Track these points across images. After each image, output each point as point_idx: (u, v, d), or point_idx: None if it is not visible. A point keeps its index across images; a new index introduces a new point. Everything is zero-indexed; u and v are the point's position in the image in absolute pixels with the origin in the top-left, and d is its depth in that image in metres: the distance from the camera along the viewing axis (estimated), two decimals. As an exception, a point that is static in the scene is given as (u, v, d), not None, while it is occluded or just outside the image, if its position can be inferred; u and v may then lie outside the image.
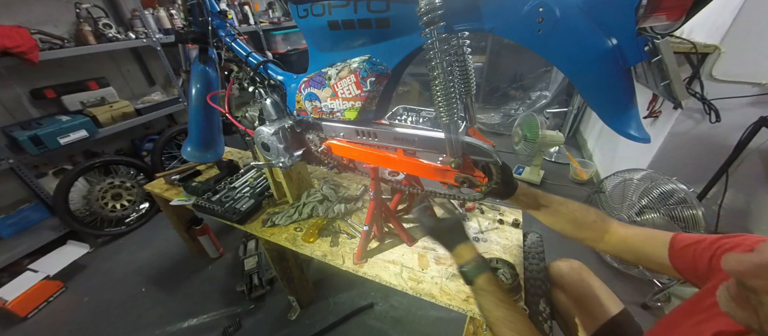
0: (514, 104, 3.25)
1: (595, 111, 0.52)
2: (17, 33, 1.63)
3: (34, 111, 2.00)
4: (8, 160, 1.70)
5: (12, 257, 1.77)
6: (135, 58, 2.49)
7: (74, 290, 1.78)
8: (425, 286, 0.88)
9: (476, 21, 0.53)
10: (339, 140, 0.84)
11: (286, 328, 1.48)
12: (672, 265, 0.60)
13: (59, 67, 2.05)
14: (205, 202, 1.26)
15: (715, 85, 1.43)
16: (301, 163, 1.22)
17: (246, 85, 1.02)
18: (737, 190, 1.58)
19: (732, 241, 0.53)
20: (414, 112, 1.05)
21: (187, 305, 1.63)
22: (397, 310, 1.52)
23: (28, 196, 1.99)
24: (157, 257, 1.96)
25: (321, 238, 1.09)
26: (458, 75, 0.77)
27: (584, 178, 2.40)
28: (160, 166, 2.33)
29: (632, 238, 0.67)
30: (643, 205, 1.46)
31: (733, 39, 1.35)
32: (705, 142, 1.58)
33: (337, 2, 0.62)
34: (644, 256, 0.65)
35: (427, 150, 0.71)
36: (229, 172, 1.49)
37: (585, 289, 0.84)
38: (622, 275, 1.62)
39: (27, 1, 1.89)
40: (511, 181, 0.72)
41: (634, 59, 0.46)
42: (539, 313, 0.80)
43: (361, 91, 0.68)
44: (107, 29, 2.05)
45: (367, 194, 1.25)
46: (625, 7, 0.43)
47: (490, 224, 1.11)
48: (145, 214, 2.25)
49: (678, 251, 0.59)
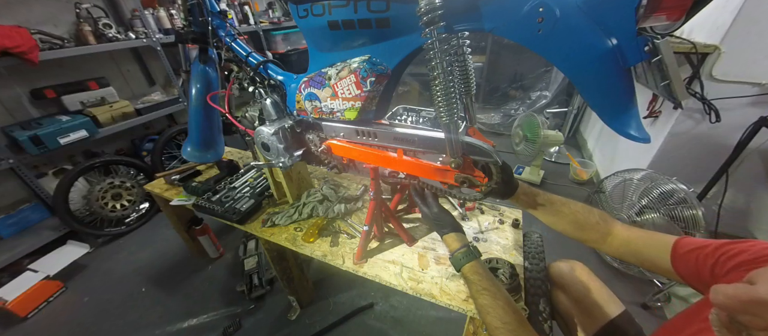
0: (514, 104, 3.25)
1: (595, 111, 0.52)
2: (17, 33, 1.63)
3: (34, 111, 2.00)
4: (8, 160, 1.70)
5: (12, 257, 1.77)
6: (135, 58, 2.49)
7: (74, 290, 1.78)
8: (425, 286, 0.88)
9: (476, 21, 0.53)
10: (339, 140, 0.84)
11: (286, 328, 1.48)
12: (674, 270, 0.59)
13: (59, 67, 2.05)
14: (205, 202, 1.26)
15: (715, 85, 1.43)
16: (301, 163, 1.22)
17: (246, 85, 1.02)
18: (737, 190, 1.58)
19: (736, 247, 0.51)
20: (414, 112, 1.05)
21: (187, 305, 1.63)
22: (397, 310, 1.52)
23: (28, 196, 1.99)
24: (157, 257, 1.96)
25: (321, 238, 1.09)
26: (458, 75, 0.77)
27: (584, 178, 2.40)
28: (160, 166, 2.33)
29: (635, 241, 0.66)
30: (643, 205, 1.46)
31: (733, 39, 1.35)
32: (705, 142, 1.58)
33: (337, 2, 0.62)
34: (647, 259, 0.64)
35: (427, 150, 0.71)
36: (229, 172, 1.49)
37: (585, 290, 0.84)
38: (622, 275, 1.62)
39: (27, 1, 1.89)
40: (512, 180, 0.71)
41: (634, 59, 0.46)
42: (539, 313, 0.80)
43: (361, 91, 0.68)
44: (107, 29, 2.05)
45: (367, 194, 1.25)
46: (625, 7, 0.43)
47: (490, 224, 1.10)
48: (145, 214, 2.25)
49: (680, 256, 0.58)
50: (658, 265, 0.62)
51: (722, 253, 0.52)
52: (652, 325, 1.38)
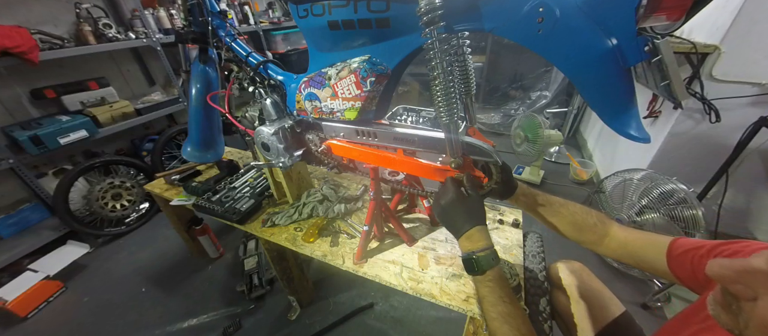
0: (514, 104, 3.25)
1: (595, 111, 0.52)
2: (17, 33, 1.63)
3: (34, 111, 2.00)
4: (8, 160, 1.70)
5: (12, 257, 1.77)
6: (135, 58, 2.49)
7: (74, 290, 1.78)
8: (425, 286, 0.88)
9: (476, 21, 0.53)
10: (339, 140, 0.84)
11: (286, 328, 1.48)
12: (670, 271, 0.59)
13: (59, 67, 2.05)
14: (205, 202, 1.26)
15: (715, 85, 1.43)
16: (301, 163, 1.22)
17: (246, 85, 1.02)
18: (737, 190, 1.58)
19: (731, 247, 0.51)
20: (414, 112, 1.05)
21: (187, 305, 1.63)
22: (397, 310, 1.52)
23: (28, 196, 1.99)
24: (157, 257, 1.96)
25: (321, 238, 1.09)
26: (458, 75, 0.77)
27: (584, 178, 2.40)
28: (160, 166, 2.33)
29: (632, 243, 0.66)
30: (643, 205, 1.46)
31: (733, 39, 1.35)
32: (705, 142, 1.58)
33: (337, 2, 0.62)
34: (644, 261, 0.64)
35: (427, 150, 0.71)
36: (229, 172, 1.49)
37: (585, 291, 0.83)
38: (622, 275, 1.62)
39: (27, 1, 1.89)
40: (511, 181, 0.71)
41: (634, 59, 0.46)
42: (540, 312, 0.80)
43: (361, 91, 0.68)
44: (107, 29, 2.05)
45: (367, 194, 1.25)
46: (625, 7, 0.43)
47: (490, 224, 1.10)
48: (145, 214, 2.25)
49: (676, 257, 0.58)
50: (655, 266, 0.62)
51: (717, 254, 0.52)
52: (652, 326, 1.38)
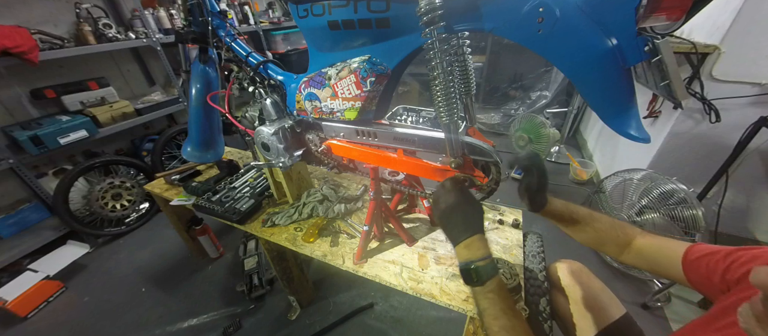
0: (514, 104, 3.25)
1: (595, 111, 0.52)
2: (17, 33, 1.63)
3: (34, 111, 1.99)
4: (8, 160, 1.70)
5: (12, 257, 1.77)
6: (135, 58, 2.49)
7: (74, 290, 1.78)
8: (425, 286, 0.88)
9: (476, 21, 0.53)
10: (339, 140, 0.84)
11: (286, 328, 1.48)
12: (686, 276, 0.58)
13: (59, 67, 2.05)
14: (205, 202, 1.26)
15: (715, 85, 1.43)
16: (301, 163, 1.22)
17: (246, 85, 1.01)
18: (737, 190, 1.58)
19: (748, 253, 0.50)
20: (414, 112, 1.05)
21: (187, 305, 1.63)
22: (397, 310, 1.52)
23: (28, 196, 1.99)
24: (157, 257, 1.96)
25: (321, 238, 1.09)
26: (458, 75, 0.76)
27: (584, 178, 2.40)
28: (160, 166, 2.33)
29: (647, 249, 0.66)
30: (643, 205, 1.46)
31: (733, 39, 1.35)
32: (705, 142, 1.58)
33: (337, 2, 0.62)
34: (660, 266, 0.64)
35: (427, 150, 0.71)
36: (229, 172, 1.49)
37: (585, 292, 0.83)
38: (622, 275, 1.62)
39: (27, 1, 1.89)
40: (543, 193, 0.67)
41: (634, 59, 0.46)
42: (539, 313, 0.80)
43: (361, 91, 0.68)
44: (107, 29, 2.05)
45: (367, 194, 1.25)
46: (625, 7, 0.43)
47: (490, 224, 1.10)
48: (145, 214, 2.25)
49: (691, 262, 0.57)
50: (670, 272, 0.62)
51: (733, 260, 0.51)
52: (652, 326, 1.39)
